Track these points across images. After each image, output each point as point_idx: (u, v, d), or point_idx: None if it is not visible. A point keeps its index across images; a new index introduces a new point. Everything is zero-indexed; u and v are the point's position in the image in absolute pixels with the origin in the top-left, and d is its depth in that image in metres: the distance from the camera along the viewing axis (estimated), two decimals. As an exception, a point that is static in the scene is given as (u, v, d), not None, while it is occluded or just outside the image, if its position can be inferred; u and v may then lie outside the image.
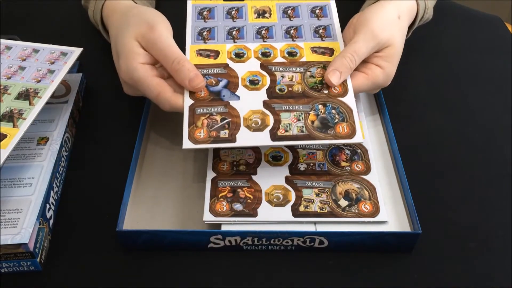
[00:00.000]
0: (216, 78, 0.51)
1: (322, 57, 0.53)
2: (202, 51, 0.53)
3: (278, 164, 0.50)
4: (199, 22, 0.56)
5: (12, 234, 0.42)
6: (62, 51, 0.55)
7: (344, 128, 0.47)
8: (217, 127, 0.47)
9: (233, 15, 0.56)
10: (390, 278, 0.44)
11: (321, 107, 0.49)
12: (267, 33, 0.55)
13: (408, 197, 0.48)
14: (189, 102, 0.49)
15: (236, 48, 0.54)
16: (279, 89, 0.50)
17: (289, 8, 0.57)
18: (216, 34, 0.55)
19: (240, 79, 0.51)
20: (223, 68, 0.52)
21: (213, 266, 0.45)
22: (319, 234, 0.44)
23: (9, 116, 0.47)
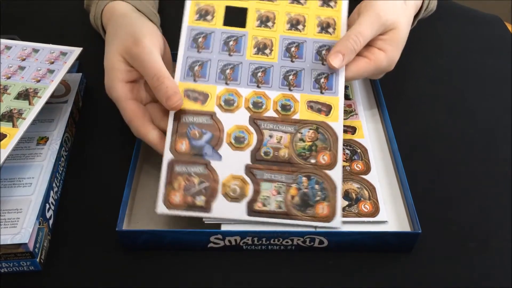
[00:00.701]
0: (200, 130, 0.47)
1: (318, 115, 0.49)
2: (191, 92, 0.49)
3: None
4: (192, 51, 0.51)
5: (12, 234, 0.42)
6: (62, 51, 0.55)
7: (324, 208, 0.45)
8: (194, 193, 0.45)
9: (230, 46, 0.51)
10: (390, 278, 0.44)
11: (305, 180, 0.46)
12: (263, 77, 0.50)
13: (408, 197, 0.48)
14: (168, 157, 0.46)
15: (227, 92, 0.49)
16: (264, 152, 0.47)
17: (293, 45, 0.52)
18: (208, 71, 0.50)
19: (225, 134, 0.47)
20: (210, 118, 0.48)
21: (213, 266, 0.45)
22: (319, 233, 0.44)
23: (9, 116, 0.47)
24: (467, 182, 0.52)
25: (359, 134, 0.54)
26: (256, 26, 0.53)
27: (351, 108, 0.57)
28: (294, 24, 0.53)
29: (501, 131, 0.58)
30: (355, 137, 0.53)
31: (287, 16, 0.54)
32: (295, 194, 0.46)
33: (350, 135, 0.54)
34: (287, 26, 0.53)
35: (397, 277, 0.44)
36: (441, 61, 0.68)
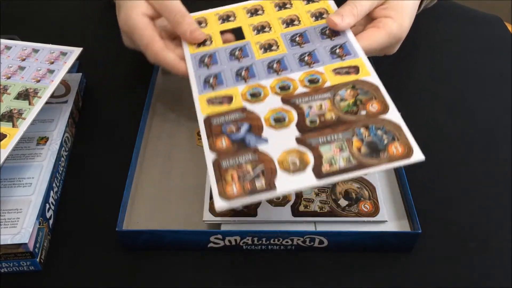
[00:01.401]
0: (236, 124, 0.45)
1: (348, 77, 0.47)
2: (213, 99, 0.47)
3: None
4: (202, 70, 0.50)
5: (12, 234, 0.42)
6: (62, 51, 0.55)
7: (398, 147, 0.41)
8: (251, 179, 0.40)
9: (237, 55, 0.51)
10: (389, 277, 0.44)
11: (364, 131, 0.43)
12: (280, 66, 0.49)
13: (408, 197, 0.48)
14: (211, 157, 0.42)
15: (249, 88, 0.47)
16: (311, 121, 0.44)
17: (296, 35, 0.52)
18: (224, 78, 0.49)
19: (263, 120, 0.45)
20: (241, 112, 0.45)
21: (213, 266, 0.45)
22: (319, 233, 0.44)
23: (9, 116, 0.47)
24: (467, 182, 0.52)
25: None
26: (255, 34, 0.53)
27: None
28: (290, 22, 0.54)
29: (501, 131, 0.58)
30: None
31: (280, 20, 0.55)
32: (360, 145, 0.41)
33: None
34: (284, 26, 0.54)
35: (397, 277, 0.44)
36: (441, 61, 0.68)
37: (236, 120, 0.45)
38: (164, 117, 0.59)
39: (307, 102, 0.46)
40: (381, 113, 0.44)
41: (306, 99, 0.46)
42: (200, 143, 0.55)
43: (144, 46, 0.50)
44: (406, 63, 0.56)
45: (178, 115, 0.59)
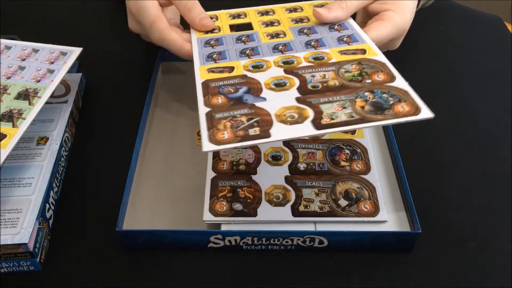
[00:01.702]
0: (235, 87, 0.45)
1: (354, 56, 0.47)
2: (214, 68, 0.48)
3: (278, 163, 0.50)
4: (206, 49, 0.51)
5: (12, 234, 0.42)
6: (62, 51, 0.55)
7: (404, 107, 0.40)
8: (244, 127, 0.39)
9: (243, 40, 0.53)
10: (389, 278, 0.44)
11: (368, 94, 0.41)
12: (285, 48, 0.50)
13: (408, 197, 0.48)
14: (205, 110, 0.42)
15: (252, 62, 0.48)
16: (313, 86, 0.43)
17: (304, 28, 0.54)
18: (227, 55, 0.50)
19: (263, 84, 0.44)
20: (241, 78, 0.46)
21: (213, 266, 0.45)
22: (319, 233, 0.44)
23: (9, 116, 0.47)
24: (467, 182, 0.52)
25: (359, 134, 0.54)
26: (263, 27, 0.55)
27: None
28: (299, 20, 0.55)
29: (501, 131, 0.58)
30: (355, 137, 0.53)
31: (290, 19, 0.56)
32: (363, 104, 0.40)
33: (350, 135, 0.54)
34: (293, 22, 0.55)
35: (397, 277, 0.44)
36: (441, 61, 0.68)
37: (235, 84, 0.45)
38: (164, 117, 0.59)
39: (310, 72, 0.46)
40: (388, 81, 0.43)
41: (310, 70, 0.46)
42: (200, 143, 0.55)
43: (150, 24, 0.50)
44: (406, 63, 0.56)
45: (178, 115, 0.59)
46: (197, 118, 0.46)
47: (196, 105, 0.43)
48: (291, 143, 0.52)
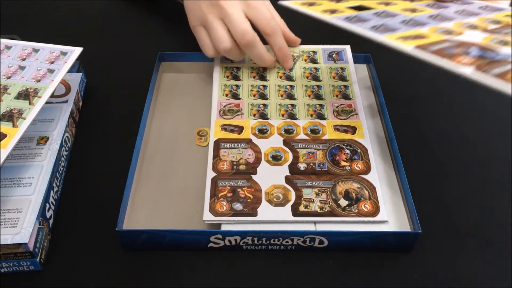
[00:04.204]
0: None
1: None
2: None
3: (278, 163, 0.50)
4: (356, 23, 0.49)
5: (12, 233, 0.42)
6: (62, 50, 0.55)
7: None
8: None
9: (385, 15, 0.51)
10: (390, 278, 0.44)
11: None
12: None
13: (408, 197, 0.48)
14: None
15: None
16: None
17: None
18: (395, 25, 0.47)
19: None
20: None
21: (213, 266, 0.45)
22: (319, 233, 0.44)
23: (9, 116, 0.47)
24: (467, 182, 0.52)
25: (359, 134, 0.54)
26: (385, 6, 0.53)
27: (351, 108, 0.57)
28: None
29: (501, 131, 0.58)
30: (355, 137, 0.53)
31: None
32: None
33: (350, 135, 0.54)
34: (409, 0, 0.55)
35: (397, 277, 0.44)
36: (441, 61, 0.68)
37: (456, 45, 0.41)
38: (164, 117, 0.59)
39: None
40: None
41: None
42: (200, 143, 0.56)
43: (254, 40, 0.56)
44: (406, 63, 0.56)
45: (178, 115, 0.59)
46: (197, 118, 0.47)
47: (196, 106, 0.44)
48: (291, 143, 0.52)
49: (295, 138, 0.53)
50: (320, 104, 0.57)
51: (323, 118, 0.56)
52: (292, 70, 0.62)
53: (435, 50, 0.41)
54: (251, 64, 0.62)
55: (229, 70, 0.61)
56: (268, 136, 0.53)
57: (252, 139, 0.53)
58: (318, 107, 0.57)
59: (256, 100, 0.57)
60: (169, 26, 0.75)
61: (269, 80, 0.60)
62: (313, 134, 0.54)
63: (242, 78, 0.60)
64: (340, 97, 0.58)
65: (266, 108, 0.56)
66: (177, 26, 0.74)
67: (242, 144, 0.52)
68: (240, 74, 0.61)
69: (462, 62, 0.39)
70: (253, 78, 0.60)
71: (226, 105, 0.57)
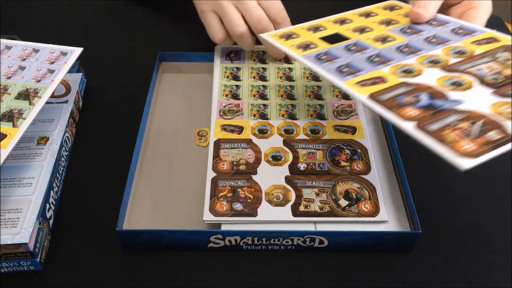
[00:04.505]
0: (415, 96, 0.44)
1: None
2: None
3: (278, 164, 0.50)
4: (327, 64, 0.48)
5: (12, 234, 0.42)
6: (62, 51, 0.55)
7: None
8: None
9: (355, 49, 0.50)
10: (390, 278, 0.44)
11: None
12: (411, 49, 0.49)
13: (408, 197, 0.48)
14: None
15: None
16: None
17: (405, 28, 0.53)
18: (358, 66, 0.47)
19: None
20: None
21: (213, 266, 0.45)
22: (319, 233, 0.44)
23: (9, 116, 0.47)
24: (467, 182, 0.52)
25: (359, 134, 0.54)
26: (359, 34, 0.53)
27: (351, 108, 0.57)
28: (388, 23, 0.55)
29: (501, 131, 0.58)
30: (355, 137, 0.54)
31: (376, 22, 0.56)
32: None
33: (350, 135, 0.54)
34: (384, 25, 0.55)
35: (397, 277, 0.44)
36: (441, 61, 0.68)
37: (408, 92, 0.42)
38: (164, 117, 0.59)
39: (471, 67, 0.44)
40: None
41: (468, 65, 0.44)
42: (200, 143, 0.56)
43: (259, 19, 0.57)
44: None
45: (178, 115, 0.59)
46: (197, 118, 0.47)
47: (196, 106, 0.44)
48: (291, 143, 0.52)
49: (295, 138, 0.53)
50: (320, 104, 0.57)
51: (323, 118, 0.56)
52: (292, 70, 0.62)
53: (386, 100, 0.42)
54: (251, 64, 0.62)
55: (229, 70, 0.61)
56: (268, 136, 0.53)
57: (252, 139, 0.53)
58: (318, 107, 0.57)
59: (256, 100, 0.58)
60: (169, 26, 0.75)
61: (269, 80, 0.60)
62: (313, 134, 0.54)
63: (242, 78, 0.60)
64: (340, 97, 0.58)
65: (266, 108, 0.56)
66: (177, 26, 0.74)
67: (242, 144, 0.52)
68: (240, 74, 0.61)
69: (407, 115, 0.40)
70: (253, 78, 0.61)
71: (226, 105, 0.57)
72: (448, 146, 0.36)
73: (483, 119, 0.38)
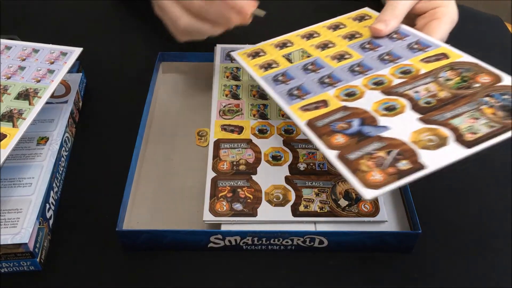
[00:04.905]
0: (345, 121, 0.45)
1: (440, 62, 0.48)
2: (307, 106, 0.49)
3: (278, 164, 0.50)
4: (280, 87, 0.50)
5: (12, 234, 0.42)
6: (62, 51, 0.55)
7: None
8: (391, 162, 0.40)
9: (311, 68, 0.52)
10: (390, 278, 0.44)
11: (489, 99, 0.42)
12: (363, 68, 0.50)
13: (408, 197, 0.48)
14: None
15: (341, 90, 0.49)
16: (426, 102, 0.44)
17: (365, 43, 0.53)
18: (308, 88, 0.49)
19: (372, 112, 0.45)
20: (344, 111, 0.47)
21: (213, 266, 0.45)
22: (319, 233, 0.44)
23: (9, 116, 0.47)
24: (467, 182, 0.52)
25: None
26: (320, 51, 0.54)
27: None
28: (351, 37, 0.56)
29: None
30: None
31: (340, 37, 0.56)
32: (493, 111, 0.41)
33: None
34: (346, 40, 0.55)
35: (397, 277, 0.44)
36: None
37: (343, 118, 0.44)
38: (164, 117, 0.59)
39: (410, 89, 0.45)
40: (496, 82, 0.43)
41: (408, 87, 0.45)
42: (200, 143, 0.56)
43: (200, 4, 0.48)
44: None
45: (178, 115, 0.59)
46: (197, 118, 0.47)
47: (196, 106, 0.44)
48: (291, 143, 0.52)
49: (295, 138, 0.53)
50: None
51: None
52: None
53: (321, 127, 0.43)
54: None
55: (229, 70, 0.61)
56: (268, 136, 0.53)
57: (252, 139, 0.53)
58: None
59: (256, 100, 0.58)
60: (169, 26, 0.75)
61: None
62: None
63: (242, 78, 0.60)
64: None
65: (266, 108, 0.56)
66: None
67: (242, 144, 0.52)
68: (240, 74, 0.61)
69: (335, 142, 0.41)
70: None
71: (226, 105, 0.57)
72: (360, 176, 0.38)
73: (400, 148, 0.39)
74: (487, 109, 0.41)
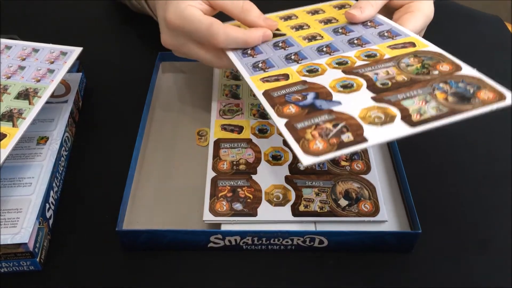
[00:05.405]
0: (301, 94, 0.45)
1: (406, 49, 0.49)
2: (268, 77, 0.48)
3: (278, 163, 0.50)
4: (247, 59, 0.50)
5: (12, 233, 0.42)
6: (62, 50, 0.55)
7: (487, 93, 0.41)
8: (335, 133, 0.40)
9: (281, 46, 0.52)
10: (390, 278, 0.44)
11: (444, 85, 0.42)
12: (330, 49, 0.50)
13: (408, 197, 0.48)
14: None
15: (304, 66, 0.48)
16: (382, 84, 0.44)
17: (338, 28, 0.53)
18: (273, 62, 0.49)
19: (329, 87, 0.45)
20: (302, 84, 0.46)
21: (213, 266, 0.45)
22: (319, 233, 0.44)
23: (9, 116, 0.47)
24: (467, 182, 0.52)
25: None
26: (294, 31, 0.54)
27: None
28: (327, 21, 0.55)
29: (501, 131, 0.58)
30: None
31: (317, 21, 0.56)
32: (445, 96, 0.41)
33: None
34: (322, 24, 0.55)
35: (397, 277, 0.44)
36: (441, 61, 0.68)
37: (299, 91, 0.44)
38: (164, 117, 0.59)
39: (371, 70, 0.45)
40: (455, 71, 0.43)
41: (370, 68, 0.46)
42: (200, 143, 0.56)
43: (207, 27, 0.47)
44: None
45: (178, 115, 0.59)
46: (197, 118, 0.46)
47: (196, 106, 0.43)
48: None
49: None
50: None
51: None
52: None
53: (276, 97, 0.43)
54: None
55: (229, 70, 0.61)
56: (268, 136, 0.53)
57: (252, 139, 0.53)
58: None
59: (256, 100, 0.57)
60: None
61: None
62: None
63: (242, 78, 0.60)
64: None
65: None
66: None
67: (242, 144, 0.52)
68: (240, 74, 0.61)
69: (286, 112, 0.42)
70: None
71: (226, 105, 0.57)
72: (303, 144, 0.38)
73: (346, 122, 0.39)
74: (440, 94, 0.41)
